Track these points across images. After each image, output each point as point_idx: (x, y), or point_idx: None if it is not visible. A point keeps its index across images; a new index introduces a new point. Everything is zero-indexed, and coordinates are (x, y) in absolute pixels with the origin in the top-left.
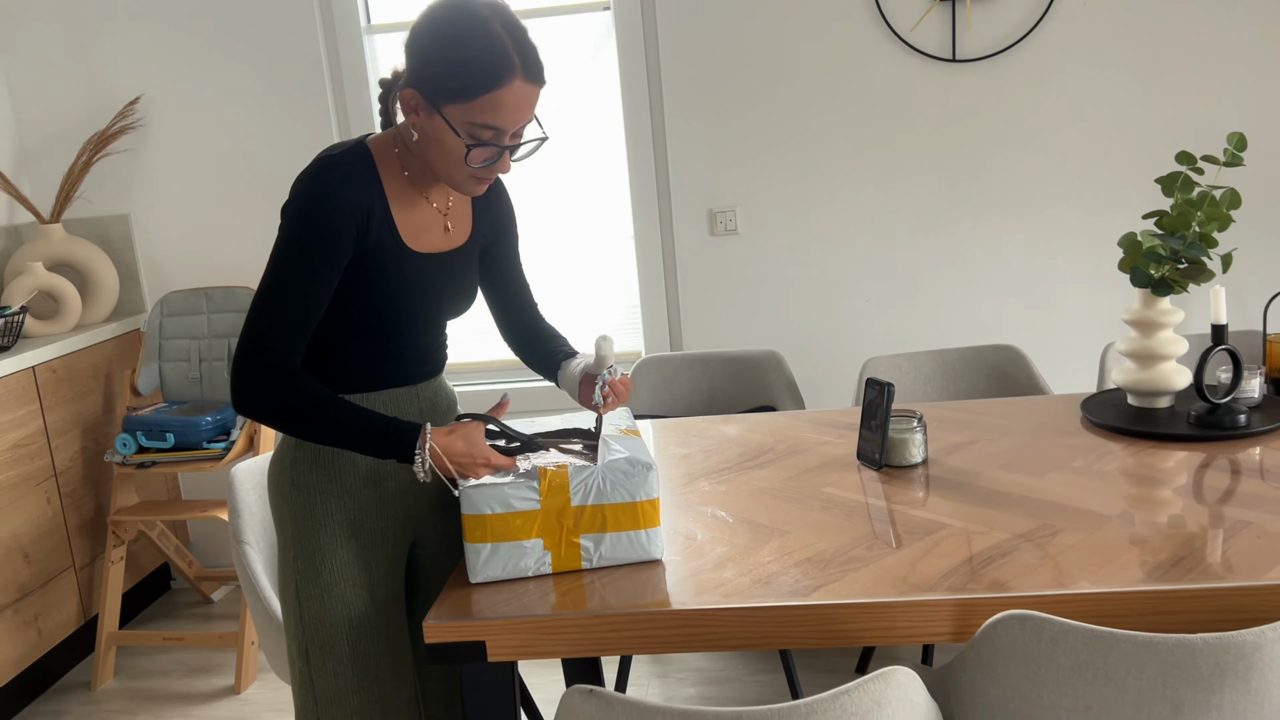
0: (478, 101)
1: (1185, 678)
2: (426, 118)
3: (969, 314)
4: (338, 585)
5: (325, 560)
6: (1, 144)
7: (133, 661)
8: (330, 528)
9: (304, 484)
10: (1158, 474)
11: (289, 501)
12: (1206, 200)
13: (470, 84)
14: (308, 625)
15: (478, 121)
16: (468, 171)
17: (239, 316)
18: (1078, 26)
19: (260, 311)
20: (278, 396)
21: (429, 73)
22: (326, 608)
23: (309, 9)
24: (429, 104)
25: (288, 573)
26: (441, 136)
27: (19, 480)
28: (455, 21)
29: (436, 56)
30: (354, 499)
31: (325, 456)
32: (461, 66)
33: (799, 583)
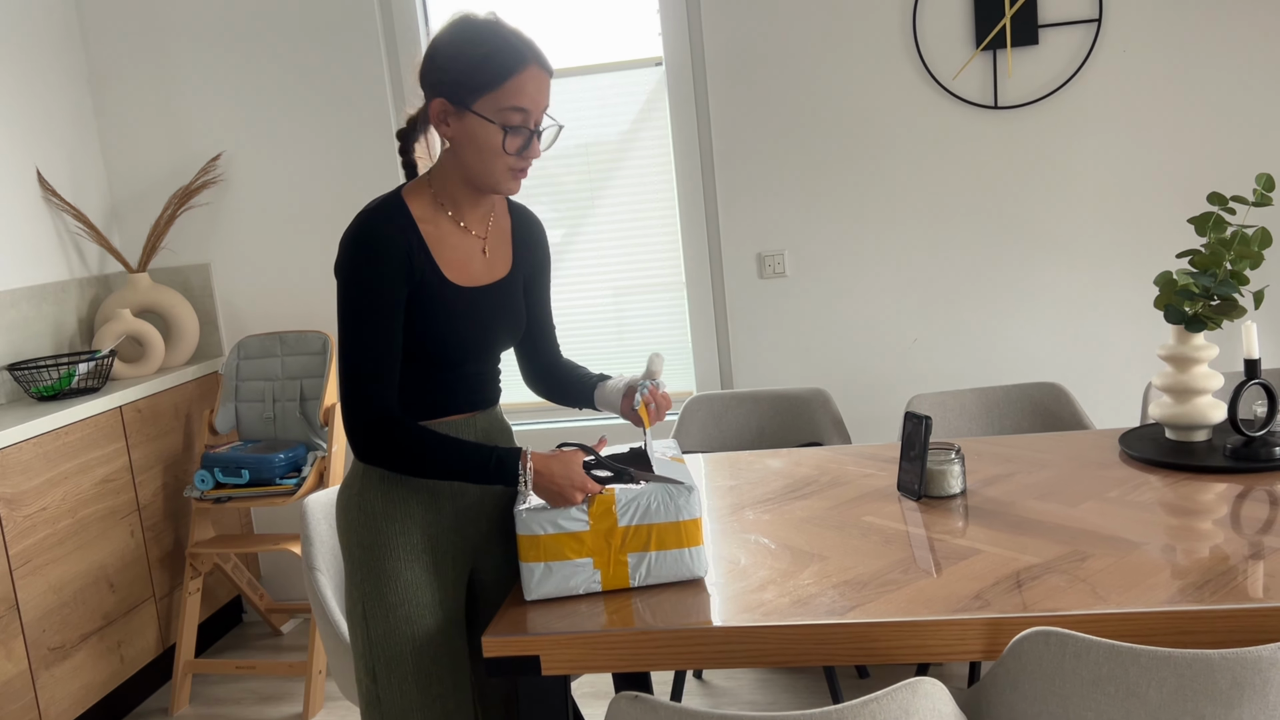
0: (503, 88)
1: (1204, 691)
2: (458, 121)
3: (1013, 353)
4: (402, 605)
5: (390, 582)
6: (94, 199)
7: (207, 689)
8: (395, 551)
9: (370, 510)
10: (1191, 504)
11: (356, 526)
12: (1237, 239)
13: (495, 73)
14: (374, 644)
15: (507, 105)
16: (506, 163)
17: (311, 359)
18: (1116, 73)
19: (349, 365)
20: (392, 442)
21: (453, 78)
22: (392, 627)
23: (378, 67)
24: (458, 107)
25: (355, 594)
26: (475, 132)
27: (106, 513)
28: (465, 30)
29: (457, 62)
30: (417, 524)
31: (390, 484)
32: (484, 60)
33: (836, 603)
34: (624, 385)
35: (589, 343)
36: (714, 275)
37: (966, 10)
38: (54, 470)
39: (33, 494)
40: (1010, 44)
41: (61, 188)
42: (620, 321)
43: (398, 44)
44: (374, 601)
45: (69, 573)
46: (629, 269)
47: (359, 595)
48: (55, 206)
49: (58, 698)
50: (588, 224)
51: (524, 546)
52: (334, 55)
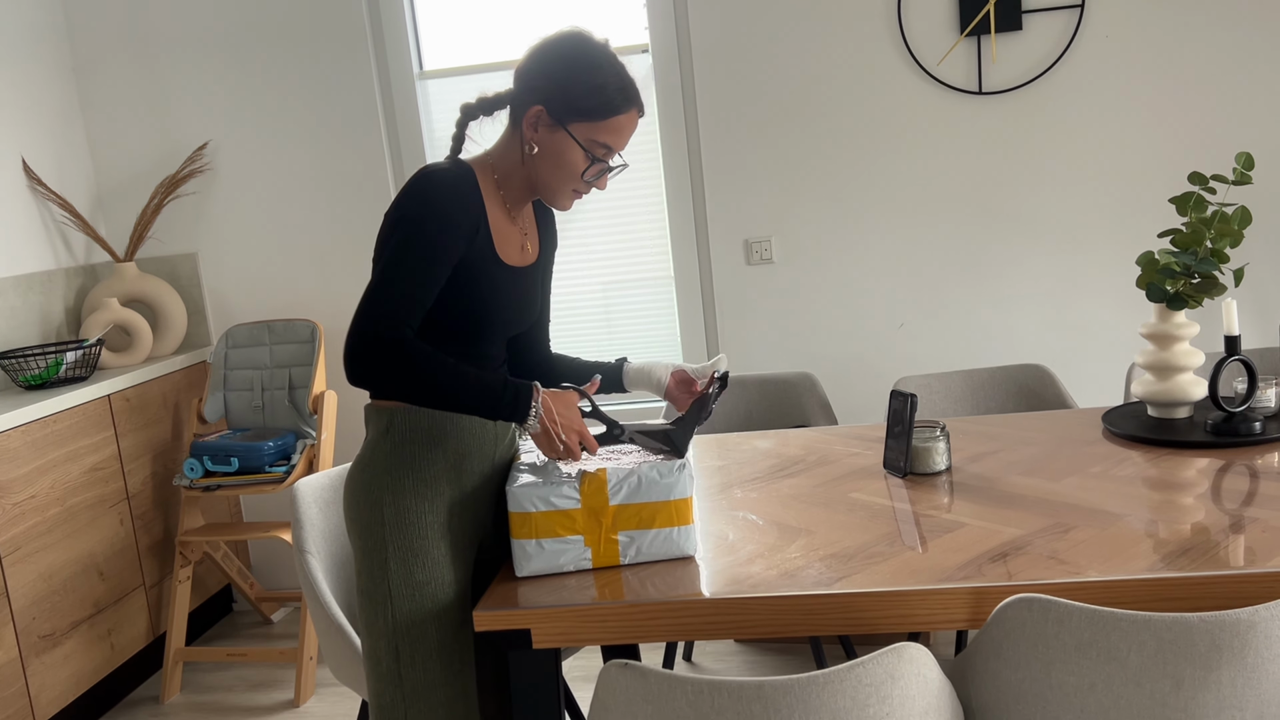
0: (605, 123)
1: (1183, 654)
2: (549, 133)
3: (999, 336)
4: (430, 584)
5: (419, 559)
6: (81, 189)
7: (198, 677)
8: (423, 529)
9: (398, 488)
10: (1173, 479)
11: (380, 504)
12: (1217, 217)
13: (601, 105)
14: (399, 623)
15: (599, 140)
16: (574, 185)
17: (299, 348)
18: (1099, 58)
19: (384, 286)
20: (400, 361)
21: (563, 93)
22: (419, 605)
23: (365, 58)
24: (556, 120)
25: (378, 573)
26: (562, 150)
27: (95, 501)
28: (588, 52)
29: (572, 80)
30: (444, 501)
31: (420, 461)
32: (596, 91)
33: (823, 575)
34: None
35: (578, 335)
36: (701, 261)
37: None
38: (42, 458)
39: (21, 482)
40: (994, 29)
41: (47, 177)
42: (609, 314)
43: (384, 33)
44: (400, 579)
45: (58, 560)
46: (617, 262)
47: (383, 574)
48: (41, 196)
49: (48, 685)
50: (576, 216)
51: (515, 523)
52: (321, 43)
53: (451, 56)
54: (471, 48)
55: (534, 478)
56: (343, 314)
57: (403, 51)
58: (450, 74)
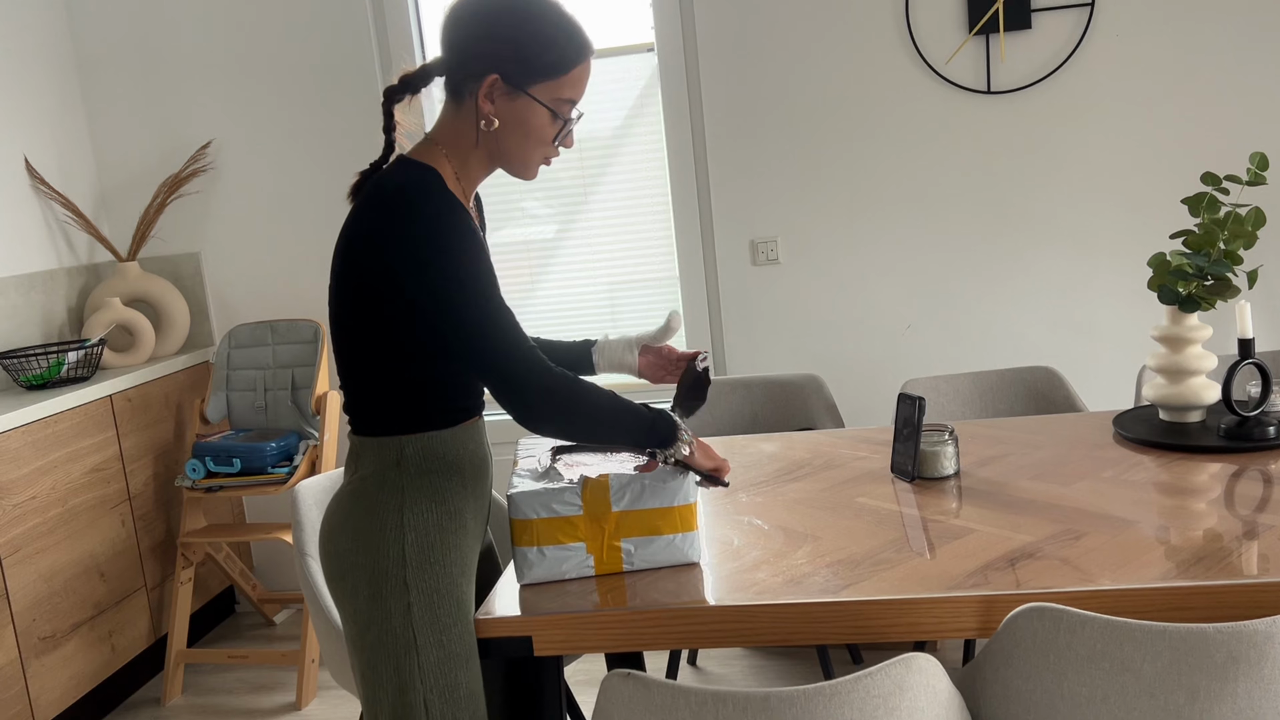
0: (567, 77)
1: (1199, 666)
2: (508, 102)
3: (1007, 338)
4: (455, 626)
5: (444, 601)
6: (84, 188)
7: (199, 679)
8: (448, 566)
9: (421, 524)
10: (1185, 483)
11: (400, 543)
12: (1231, 219)
13: (560, 60)
14: (428, 675)
15: (563, 96)
16: (544, 152)
17: (302, 348)
18: (1109, 57)
19: (499, 328)
20: (571, 400)
21: (516, 56)
22: (448, 652)
23: (369, 58)
24: (514, 87)
25: (398, 622)
26: (527, 117)
27: (97, 502)
28: (533, 7)
29: (525, 37)
30: (468, 534)
31: (443, 492)
32: (553, 44)
33: (829, 582)
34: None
35: (583, 335)
36: (707, 262)
37: None
38: (43, 459)
39: (22, 482)
40: (1003, 28)
41: (50, 176)
42: (614, 313)
43: (388, 31)
44: (427, 625)
45: (59, 562)
46: (623, 261)
47: (405, 621)
48: (44, 195)
49: (48, 687)
50: (581, 216)
51: (517, 530)
52: (324, 42)
53: None
54: None
55: (535, 484)
56: None
57: (407, 53)
58: None
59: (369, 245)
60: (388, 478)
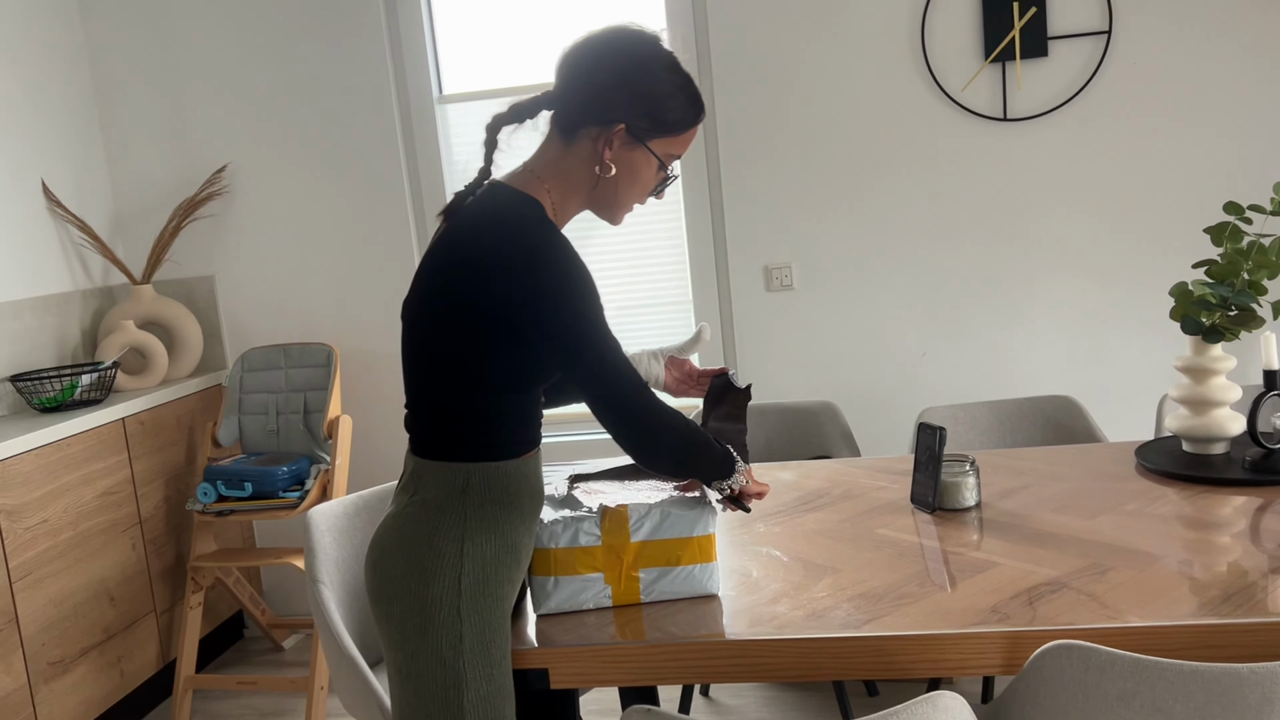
0: (683, 135)
1: (1233, 707)
2: (625, 151)
3: (1025, 366)
4: (504, 660)
5: (495, 634)
6: (99, 211)
7: (208, 705)
8: (501, 601)
9: (480, 555)
10: (1211, 517)
11: (458, 573)
12: (1255, 248)
13: (682, 119)
14: (477, 707)
15: (674, 153)
16: (639, 200)
17: (315, 371)
18: (1126, 85)
19: (624, 373)
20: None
21: (648, 110)
22: (496, 686)
23: (384, 82)
24: (635, 138)
25: (448, 654)
26: (640, 167)
27: (108, 526)
28: (665, 63)
29: (658, 96)
30: (520, 569)
31: (503, 524)
32: (678, 104)
33: (851, 616)
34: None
35: None
36: (720, 288)
37: (975, 22)
38: (55, 482)
39: (33, 506)
40: (1020, 56)
41: (66, 199)
42: (625, 338)
43: (404, 57)
44: (478, 659)
45: (69, 586)
46: (636, 286)
47: (455, 654)
48: (60, 218)
49: (56, 713)
50: (594, 239)
51: (536, 560)
52: (341, 67)
53: (471, 81)
54: (491, 72)
55: (553, 513)
56: (359, 338)
57: (422, 76)
58: (470, 98)
59: (484, 274)
60: (450, 505)
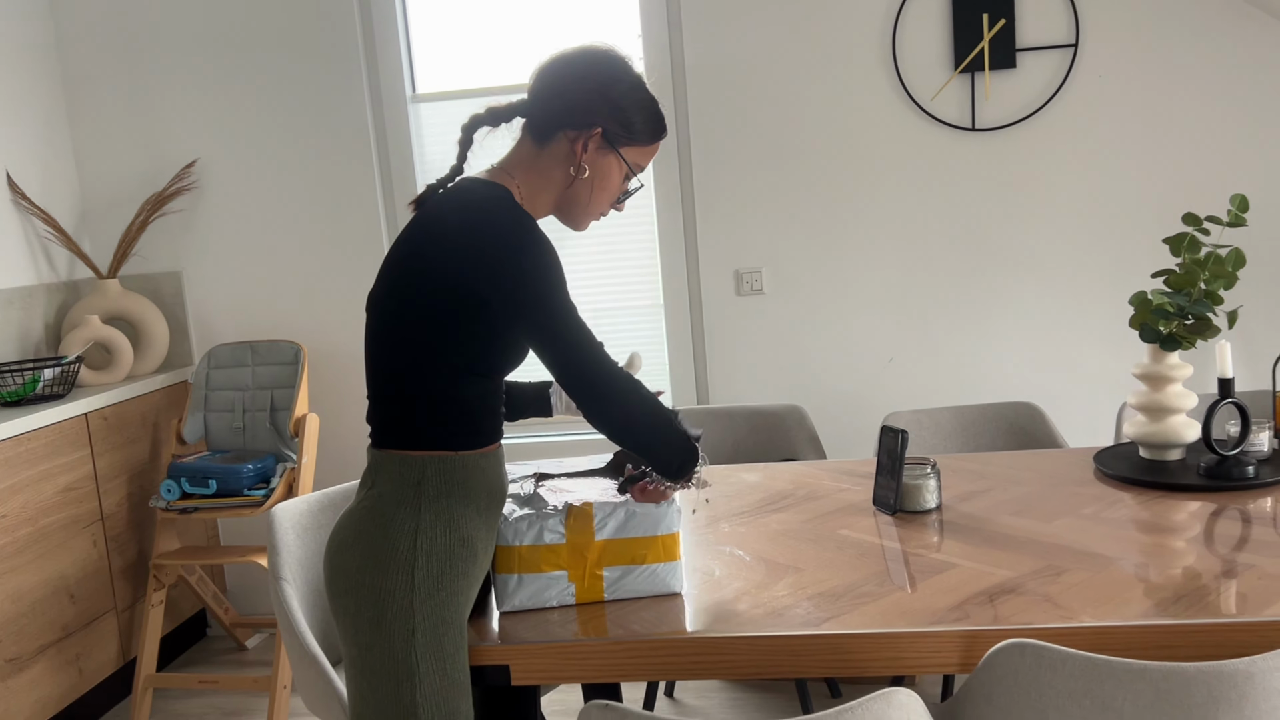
0: (648, 147)
1: (1180, 704)
2: (599, 156)
3: (989, 373)
4: (457, 654)
5: (449, 629)
6: (65, 204)
7: (168, 704)
8: (455, 594)
9: (435, 548)
10: (1165, 521)
11: (411, 566)
12: (1211, 259)
13: (653, 130)
14: (427, 704)
15: (640, 163)
16: (604, 209)
17: (282, 369)
18: (1092, 98)
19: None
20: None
21: (622, 117)
22: (450, 680)
23: (357, 79)
24: (609, 144)
25: (399, 646)
26: (609, 173)
27: (68, 522)
28: (637, 80)
29: (632, 105)
30: (476, 564)
31: (458, 518)
32: (651, 115)
33: (811, 615)
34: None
35: None
36: (691, 291)
37: (945, 33)
38: (15, 477)
39: None
40: (988, 67)
41: (32, 192)
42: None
43: (377, 53)
44: (430, 653)
45: (28, 582)
46: (607, 289)
47: (406, 647)
48: (24, 210)
49: (13, 711)
50: (566, 244)
51: (499, 557)
52: (313, 63)
53: (445, 80)
54: (465, 72)
55: (519, 510)
56: (328, 336)
57: (396, 74)
58: (443, 98)
59: (451, 252)
60: (405, 498)
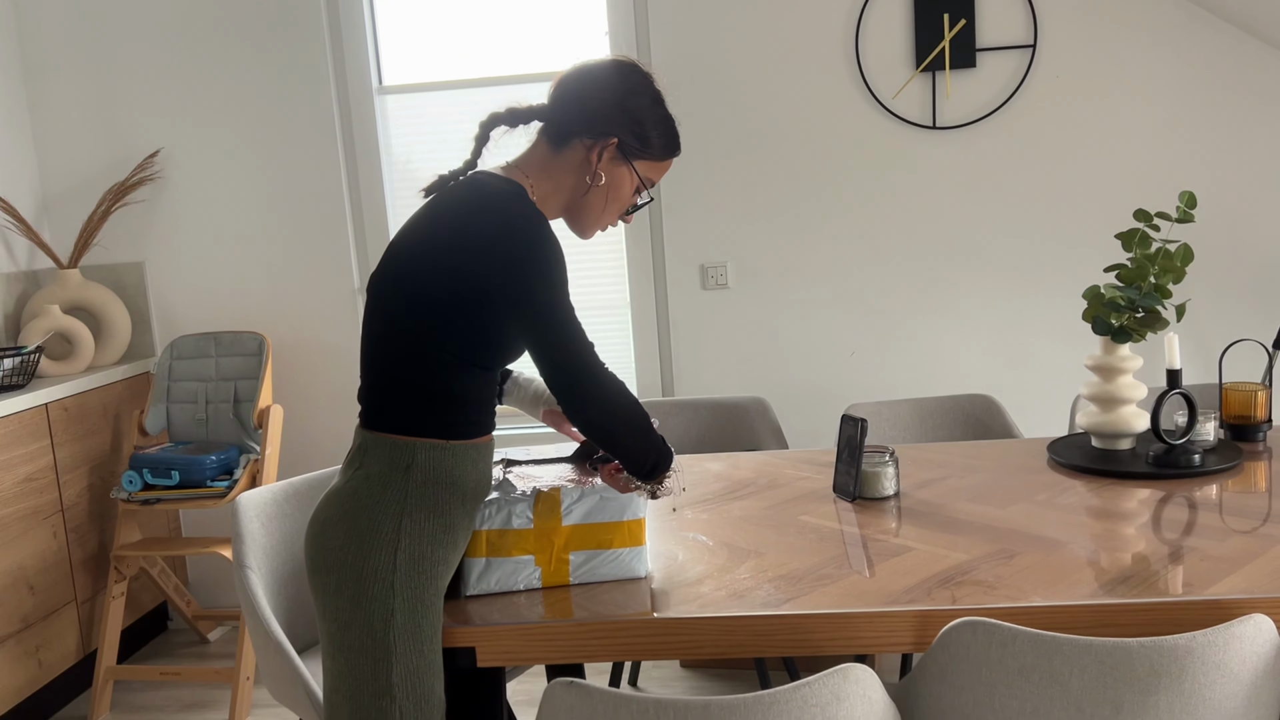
0: (664, 162)
1: (1123, 679)
2: (613, 166)
3: (948, 366)
4: (433, 636)
5: (426, 611)
6: (25, 193)
7: (129, 697)
8: (434, 578)
9: (418, 531)
10: (1115, 508)
11: (394, 548)
12: (1161, 254)
13: (667, 146)
14: (404, 683)
15: (652, 178)
16: (613, 219)
17: (245, 360)
18: (1050, 97)
19: (579, 343)
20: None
21: (639, 130)
22: (425, 661)
23: (324, 70)
24: (623, 155)
25: (378, 626)
26: (621, 181)
27: (28, 513)
28: (657, 96)
29: (650, 120)
30: (455, 550)
31: (442, 504)
32: (665, 133)
33: (771, 596)
34: (546, 397)
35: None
36: (657, 285)
37: (907, 32)
38: None
39: None
40: (949, 66)
41: None
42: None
43: (344, 43)
44: (408, 633)
45: None
46: (575, 287)
47: (385, 627)
48: None
49: None
50: None
51: None
52: (278, 53)
53: (412, 72)
54: (432, 64)
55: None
56: (291, 327)
57: (362, 65)
58: (410, 90)
59: (461, 242)
60: (393, 481)
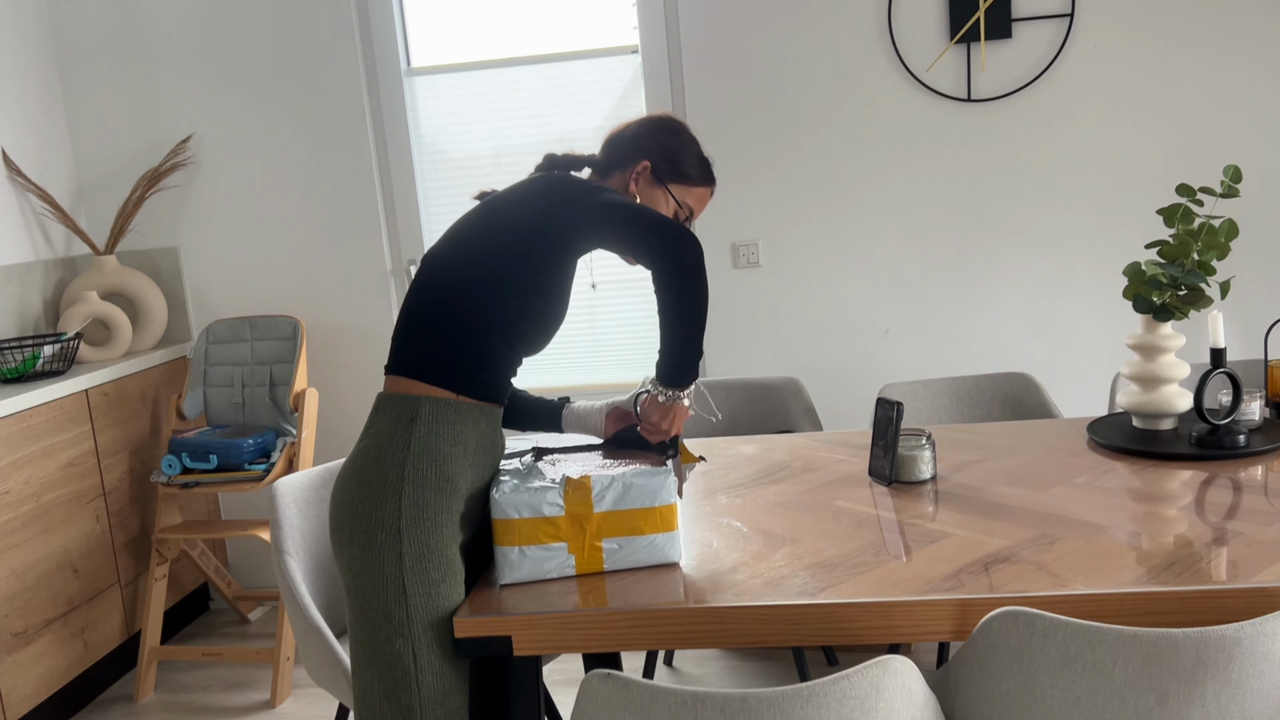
0: (696, 189)
1: (1169, 669)
2: (650, 188)
3: (985, 344)
4: (444, 582)
5: (434, 557)
6: (61, 180)
7: (173, 676)
8: (439, 527)
9: (420, 480)
10: (1157, 490)
11: (399, 495)
12: (1205, 230)
13: (698, 174)
14: (416, 623)
15: (686, 202)
16: None
17: (280, 344)
18: (1087, 68)
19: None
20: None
21: (669, 156)
22: (436, 604)
23: (352, 53)
24: (657, 179)
25: (391, 569)
26: (657, 203)
27: (70, 498)
28: (690, 137)
29: (679, 147)
30: (460, 501)
31: (443, 455)
32: (698, 159)
33: (807, 584)
34: (606, 405)
35: (563, 338)
36: None
37: (941, 3)
38: (17, 453)
39: None
40: (984, 37)
41: (28, 168)
42: (594, 315)
43: (372, 29)
44: (418, 576)
45: (32, 557)
46: (604, 262)
47: (397, 569)
48: (21, 187)
49: (19, 684)
50: None
51: (499, 530)
52: (308, 38)
53: (440, 53)
54: (460, 45)
55: (517, 484)
56: (325, 311)
57: (390, 47)
58: (438, 70)
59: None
60: (397, 434)
